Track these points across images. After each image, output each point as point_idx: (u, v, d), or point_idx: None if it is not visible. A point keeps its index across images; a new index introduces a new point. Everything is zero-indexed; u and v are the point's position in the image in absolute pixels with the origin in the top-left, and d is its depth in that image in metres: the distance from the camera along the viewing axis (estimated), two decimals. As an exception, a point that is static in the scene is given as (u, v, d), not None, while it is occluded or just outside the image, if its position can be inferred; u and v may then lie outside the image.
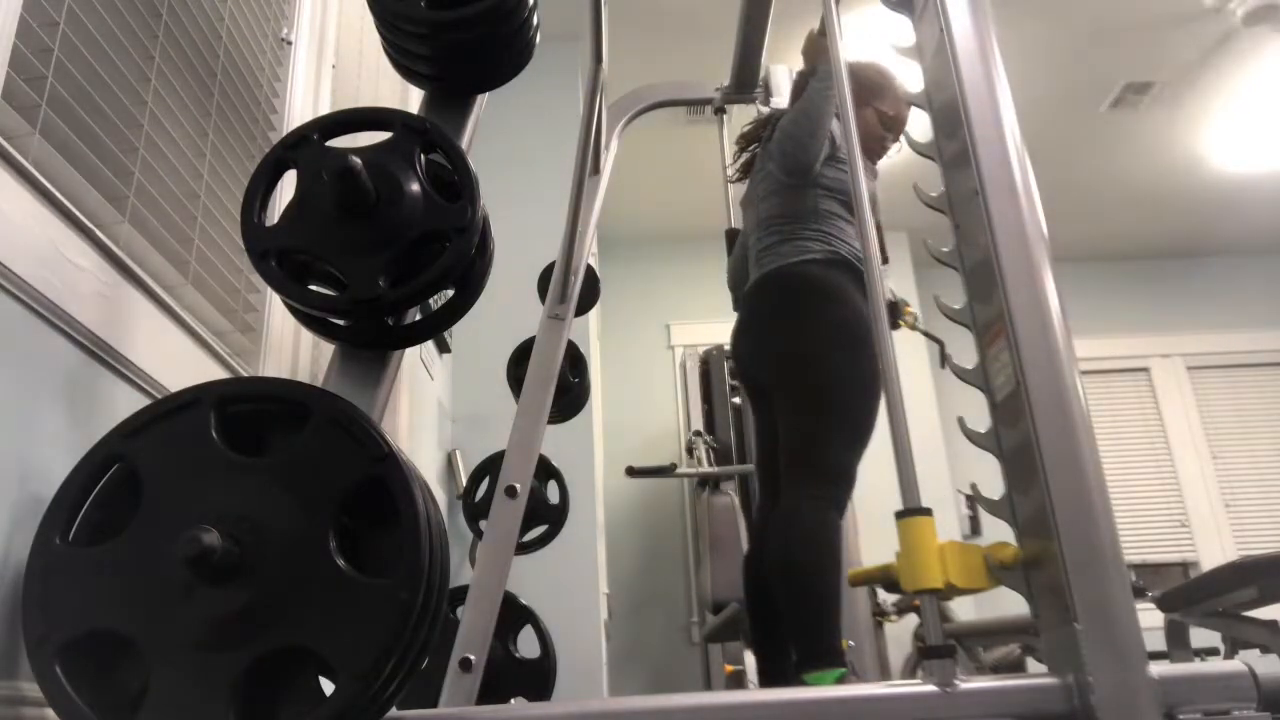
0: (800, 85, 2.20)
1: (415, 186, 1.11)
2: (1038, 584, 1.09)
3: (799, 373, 1.99)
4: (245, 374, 1.56)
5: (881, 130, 2.26)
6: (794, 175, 2.10)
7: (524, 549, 2.17)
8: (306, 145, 1.14)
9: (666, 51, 3.71)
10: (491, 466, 2.29)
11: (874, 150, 2.26)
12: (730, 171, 2.52)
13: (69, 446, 1.06)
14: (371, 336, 1.16)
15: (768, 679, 2.03)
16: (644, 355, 5.23)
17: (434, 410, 3.00)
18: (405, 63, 1.29)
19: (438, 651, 1.04)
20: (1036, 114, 4.33)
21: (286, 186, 1.15)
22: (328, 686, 0.89)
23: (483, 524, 2.01)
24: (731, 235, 2.60)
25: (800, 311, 2.02)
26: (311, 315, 1.14)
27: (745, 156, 2.42)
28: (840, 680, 1.75)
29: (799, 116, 2.08)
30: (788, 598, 1.85)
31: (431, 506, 0.96)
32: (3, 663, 0.93)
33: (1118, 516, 1.06)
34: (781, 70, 2.54)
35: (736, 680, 3.55)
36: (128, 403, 1.20)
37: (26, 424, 1.02)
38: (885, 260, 2.22)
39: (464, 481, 2.95)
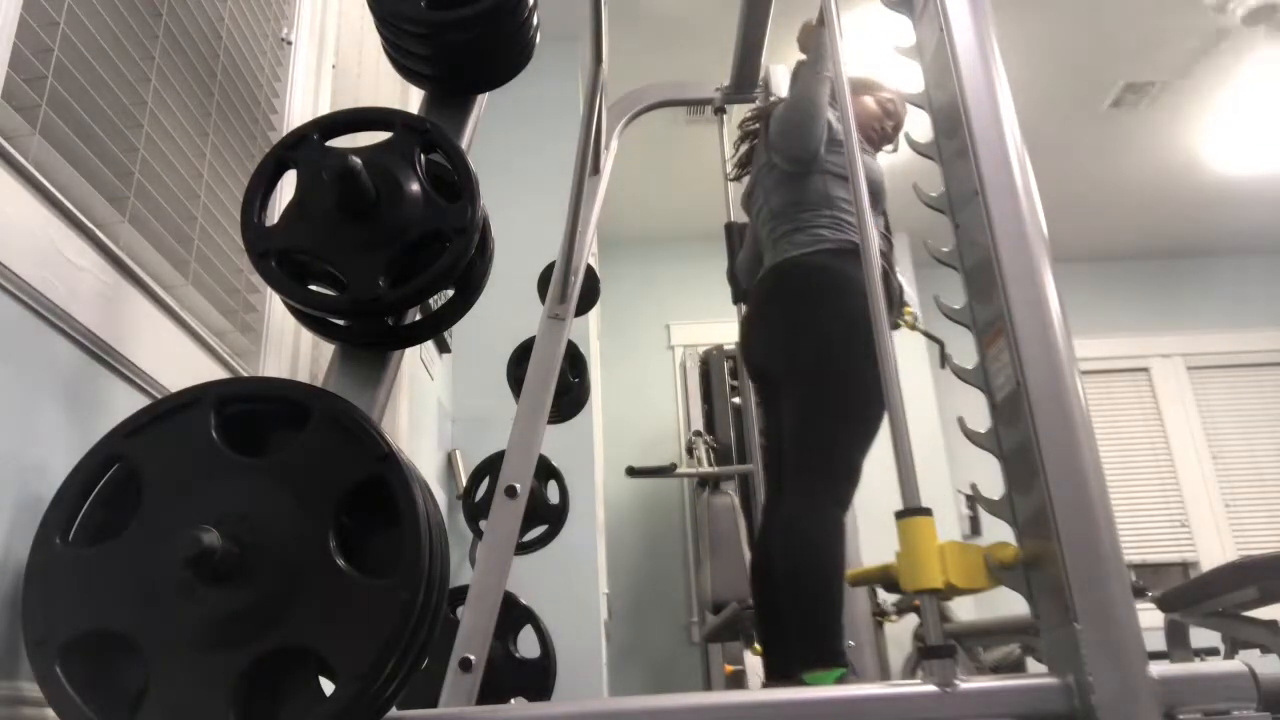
0: (798, 74, 2.20)
1: (415, 186, 1.11)
2: (1038, 584, 1.09)
3: (809, 367, 1.97)
4: (245, 374, 1.56)
5: (881, 115, 2.25)
6: (799, 163, 2.09)
7: (524, 549, 2.17)
8: (306, 145, 1.14)
9: (666, 52, 3.71)
10: (491, 466, 2.29)
11: (873, 136, 2.25)
12: (729, 168, 2.52)
13: (69, 446, 1.06)
14: (371, 336, 1.16)
15: (773, 674, 2.02)
16: (644, 355, 5.23)
17: (434, 410, 3.00)
18: (405, 63, 1.29)
19: (437, 651, 1.04)
20: (1036, 114, 4.33)
21: (286, 186, 1.15)
22: (328, 686, 0.89)
23: (483, 524, 2.01)
24: (730, 229, 2.59)
25: (812, 304, 2.01)
26: (311, 315, 1.14)
27: (744, 148, 2.41)
28: (840, 680, 1.75)
29: (795, 101, 2.07)
30: (792, 597, 1.85)
31: (431, 506, 0.96)
32: (3, 663, 0.93)
33: (1118, 516, 1.07)
34: (781, 70, 2.54)
35: (736, 680, 3.55)
36: (128, 403, 1.20)
37: (27, 424, 1.02)
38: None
39: (464, 481, 2.95)
